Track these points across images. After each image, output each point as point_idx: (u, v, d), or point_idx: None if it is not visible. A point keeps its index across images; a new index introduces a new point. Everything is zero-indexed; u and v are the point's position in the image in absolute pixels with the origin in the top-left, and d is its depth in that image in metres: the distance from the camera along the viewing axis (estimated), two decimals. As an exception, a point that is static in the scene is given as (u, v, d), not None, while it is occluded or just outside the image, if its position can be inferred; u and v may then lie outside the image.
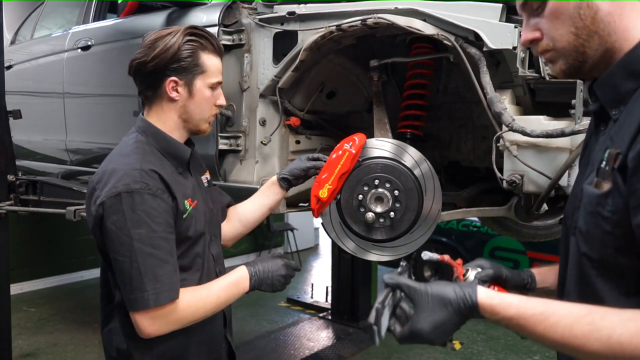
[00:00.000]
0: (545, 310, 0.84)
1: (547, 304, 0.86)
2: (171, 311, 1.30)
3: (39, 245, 5.73)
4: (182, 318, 1.33)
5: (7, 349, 3.17)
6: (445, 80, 2.35)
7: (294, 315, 5.25)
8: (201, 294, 1.36)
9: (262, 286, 1.43)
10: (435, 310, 0.90)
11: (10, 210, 3.24)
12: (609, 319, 0.79)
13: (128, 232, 1.26)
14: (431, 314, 0.91)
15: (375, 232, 1.86)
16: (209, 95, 1.42)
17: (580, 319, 0.81)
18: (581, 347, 0.80)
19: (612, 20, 0.87)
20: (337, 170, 1.71)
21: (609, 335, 0.77)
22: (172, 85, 1.38)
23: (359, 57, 2.30)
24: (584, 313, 0.81)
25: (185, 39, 1.36)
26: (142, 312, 1.28)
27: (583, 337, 0.80)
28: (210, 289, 1.39)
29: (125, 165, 1.32)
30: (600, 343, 0.78)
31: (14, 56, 4.00)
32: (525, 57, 1.72)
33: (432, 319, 0.91)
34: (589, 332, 0.79)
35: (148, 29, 2.71)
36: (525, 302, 0.87)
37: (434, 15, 1.79)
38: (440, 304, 0.90)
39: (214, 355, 1.52)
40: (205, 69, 1.40)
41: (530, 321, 0.84)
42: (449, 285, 0.93)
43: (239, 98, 2.30)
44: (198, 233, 1.43)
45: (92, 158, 3.44)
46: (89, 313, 4.95)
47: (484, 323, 4.95)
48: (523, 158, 1.69)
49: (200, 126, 1.45)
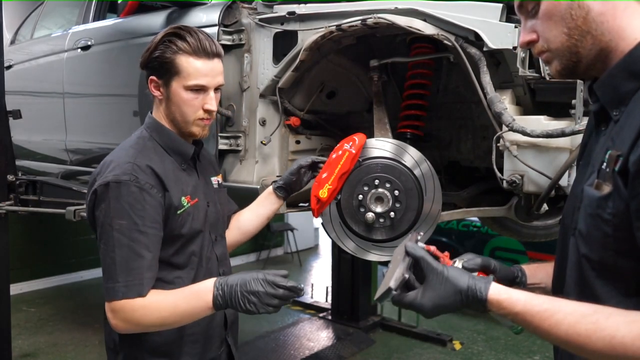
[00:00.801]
0: (550, 307, 0.85)
1: (553, 301, 0.87)
2: (129, 308, 1.27)
3: (39, 245, 5.73)
4: (135, 318, 1.27)
5: (7, 349, 3.17)
6: (445, 80, 2.35)
7: (294, 315, 5.25)
8: (158, 298, 1.29)
9: (231, 302, 1.22)
10: (446, 293, 0.93)
11: (10, 210, 3.24)
12: (613, 319, 0.80)
13: (110, 222, 1.28)
14: (439, 295, 0.93)
15: (375, 232, 1.86)
16: (187, 97, 1.37)
17: (585, 318, 0.82)
18: (584, 345, 0.81)
19: (605, 20, 0.87)
20: (337, 170, 1.71)
21: (612, 335, 0.78)
22: (154, 84, 1.40)
23: (359, 57, 2.30)
24: (589, 312, 0.82)
25: (161, 40, 1.35)
26: (111, 304, 1.28)
27: (586, 335, 0.81)
28: (169, 295, 1.30)
29: (120, 158, 1.36)
30: (603, 343, 0.79)
31: (14, 56, 4.00)
32: (525, 57, 1.72)
33: (438, 300, 0.93)
34: (592, 331, 0.80)
35: (148, 29, 2.72)
36: (532, 298, 0.88)
37: (434, 15, 1.79)
38: (452, 289, 0.93)
39: (210, 356, 1.50)
40: (179, 71, 1.35)
41: (536, 317, 0.86)
42: (465, 274, 0.95)
43: (239, 98, 2.30)
44: (194, 231, 1.43)
45: (92, 158, 3.44)
46: (89, 313, 4.95)
47: (484, 323, 4.95)
48: (523, 158, 1.69)
49: (187, 128, 1.42)
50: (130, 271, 1.27)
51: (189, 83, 1.35)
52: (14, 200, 3.31)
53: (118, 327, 1.30)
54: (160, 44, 1.35)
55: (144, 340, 1.39)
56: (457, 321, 5.05)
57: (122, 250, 1.28)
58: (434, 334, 4.62)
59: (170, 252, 1.39)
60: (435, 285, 0.94)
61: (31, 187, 3.43)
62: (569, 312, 0.84)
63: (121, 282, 1.27)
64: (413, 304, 0.96)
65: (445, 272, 0.94)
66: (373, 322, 4.92)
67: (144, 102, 2.69)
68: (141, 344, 1.40)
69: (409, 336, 4.69)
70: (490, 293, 0.91)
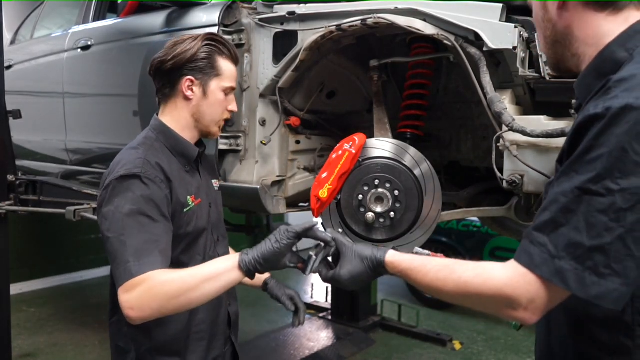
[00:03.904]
0: (426, 262, 1.04)
1: (429, 258, 1.07)
2: (146, 285, 1.21)
3: (39, 245, 5.73)
4: (152, 293, 1.20)
5: (7, 349, 3.17)
6: (445, 80, 2.35)
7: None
8: (176, 271, 1.26)
9: (255, 251, 1.26)
10: (356, 263, 1.14)
11: (10, 210, 3.24)
12: (465, 267, 0.98)
13: (122, 210, 1.29)
14: (352, 266, 1.14)
15: (375, 232, 1.87)
16: (222, 98, 1.49)
17: (446, 267, 1.01)
18: (441, 288, 1.00)
19: (570, 32, 0.98)
20: (337, 170, 1.71)
21: (459, 276, 0.96)
22: (188, 84, 1.45)
23: (359, 57, 2.30)
24: (450, 263, 1.02)
25: (205, 42, 1.45)
26: (125, 285, 1.22)
27: (444, 280, 0.99)
28: (192, 269, 1.27)
29: (130, 156, 1.39)
30: (454, 284, 0.97)
31: (14, 56, 4.00)
32: (525, 57, 1.72)
33: (352, 270, 1.14)
34: (448, 275, 0.98)
35: (148, 29, 2.72)
36: (415, 259, 1.07)
37: (434, 15, 1.79)
38: (359, 258, 1.13)
39: (215, 354, 1.53)
40: (220, 73, 1.47)
41: (414, 272, 1.05)
42: (369, 247, 1.15)
43: (239, 98, 2.30)
44: (199, 229, 1.48)
45: (92, 158, 3.44)
46: (89, 313, 4.95)
47: (484, 323, 4.95)
48: (523, 158, 1.69)
49: (210, 128, 1.51)
50: (143, 252, 1.25)
51: (226, 85, 1.48)
52: (14, 200, 3.31)
53: (134, 311, 1.20)
54: (204, 47, 1.44)
55: (152, 339, 1.41)
56: (457, 321, 5.06)
57: (134, 236, 1.26)
58: (434, 334, 4.62)
59: (177, 251, 1.42)
60: (348, 258, 1.15)
61: (31, 187, 3.44)
62: (436, 264, 1.02)
63: (132, 261, 1.23)
64: (333, 278, 1.17)
65: (353, 247, 1.16)
66: (373, 322, 4.92)
67: (144, 102, 2.69)
68: (149, 342, 1.42)
69: (409, 336, 4.69)
70: (386, 257, 1.09)
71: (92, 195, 3.10)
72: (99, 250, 6.26)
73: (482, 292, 0.93)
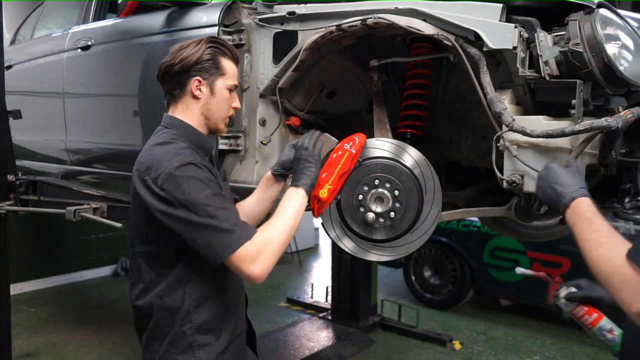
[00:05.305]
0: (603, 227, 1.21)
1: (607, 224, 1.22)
2: (266, 247, 1.41)
3: (39, 245, 5.73)
4: (271, 244, 1.41)
5: (7, 349, 3.17)
6: (445, 80, 2.35)
7: (294, 315, 5.26)
8: (275, 221, 1.48)
9: (302, 173, 1.60)
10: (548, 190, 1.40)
11: (10, 210, 3.24)
12: (614, 244, 1.13)
13: (197, 195, 1.39)
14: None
15: (375, 232, 1.87)
16: (227, 95, 1.60)
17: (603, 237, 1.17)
18: (590, 252, 1.16)
19: None
20: (337, 170, 1.71)
21: (603, 253, 1.13)
22: (196, 84, 1.55)
23: (359, 57, 2.30)
24: (609, 235, 1.18)
25: (208, 45, 1.56)
26: (239, 253, 1.37)
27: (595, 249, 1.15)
28: (272, 218, 1.50)
29: (168, 152, 1.46)
30: (598, 253, 1.14)
31: (14, 56, 4.00)
32: (525, 57, 1.72)
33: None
34: (598, 246, 1.15)
35: (148, 29, 2.72)
36: (598, 218, 1.23)
37: (434, 15, 1.79)
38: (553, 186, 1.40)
39: (239, 331, 1.64)
40: (224, 72, 1.58)
41: (590, 225, 1.22)
42: (572, 182, 1.37)
43: (239, 98, 2.30)
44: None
45: (92, 158, 3.44)
46: (89, 313, 4.95)
47: (484, 323, 4.96)
48: (523, 158, 1.69)
49: (218, 124, 1.62)
50: (238, 221, 1.42)
51: (230, 83, 1.60)
52: (14, 200, 3.31)
53: (260, 269, 1.38)
54: (207, 49, 1.56)
55: (192, 320, 1.49)
56: (457, 321, 5.06)
57: (219, 212, 1.39)
58: (434, 334, 4.63)
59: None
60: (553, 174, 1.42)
61: (31, 187, 3.43)
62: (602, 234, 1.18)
63: (237, 230, 1.38)
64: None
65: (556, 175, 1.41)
66: (373, 322, 4.93)
67: (144, 102, 2.69)
68: (190, 322, 1.49)
69: (409, 336, 4.69)
70: (580, 197, 1.31)
71: (92, 195, 3.10)
72: (99, 250, 6.27)
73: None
